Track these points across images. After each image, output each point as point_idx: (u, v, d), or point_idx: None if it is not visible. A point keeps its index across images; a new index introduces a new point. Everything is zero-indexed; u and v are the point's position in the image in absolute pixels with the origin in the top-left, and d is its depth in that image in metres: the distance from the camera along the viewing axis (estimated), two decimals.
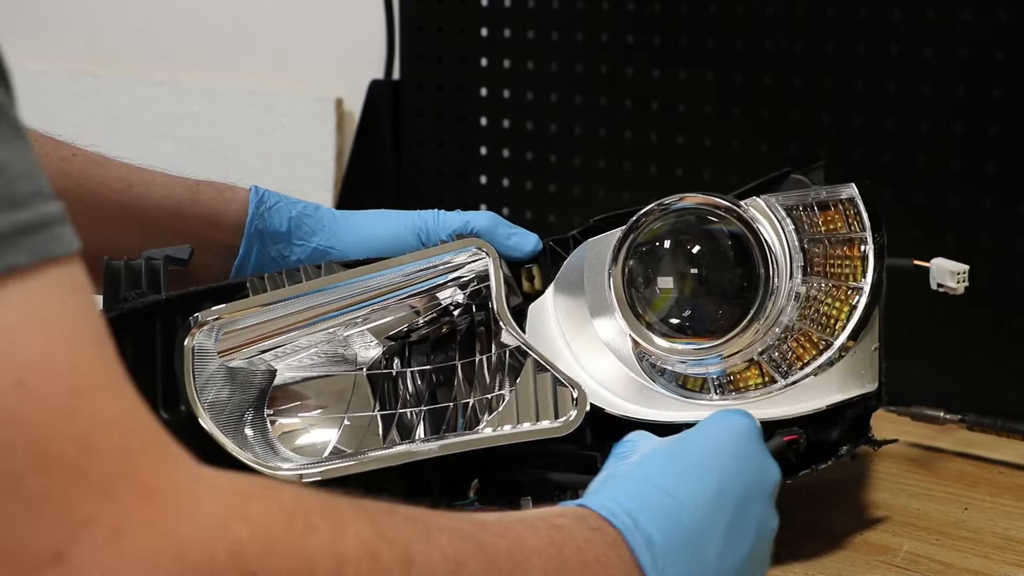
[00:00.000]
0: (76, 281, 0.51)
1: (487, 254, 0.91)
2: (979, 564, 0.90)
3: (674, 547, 0.66)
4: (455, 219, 0.98)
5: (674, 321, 0.93)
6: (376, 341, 0.94)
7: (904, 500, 0.99)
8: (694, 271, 0.93)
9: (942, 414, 1.08)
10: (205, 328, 0.86)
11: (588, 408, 0.86)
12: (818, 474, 0.90)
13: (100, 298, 0.90)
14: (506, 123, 1.44)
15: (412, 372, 0.94)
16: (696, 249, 0.93)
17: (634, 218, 0.93)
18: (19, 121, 0.51)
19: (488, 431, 0.88)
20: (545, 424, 0.87)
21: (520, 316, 0.94)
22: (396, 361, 0.94)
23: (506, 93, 1.43)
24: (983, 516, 0.97)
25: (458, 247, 0.92)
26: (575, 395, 0.87)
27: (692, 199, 0.93)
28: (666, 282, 0.93)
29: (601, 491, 0.69)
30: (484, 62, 1.44)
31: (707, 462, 0.72)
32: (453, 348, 0.94)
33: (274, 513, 0.52)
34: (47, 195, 0.50)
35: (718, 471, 0.71)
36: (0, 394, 0.47)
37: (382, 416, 0.92)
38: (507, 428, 0.88)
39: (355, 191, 1.52)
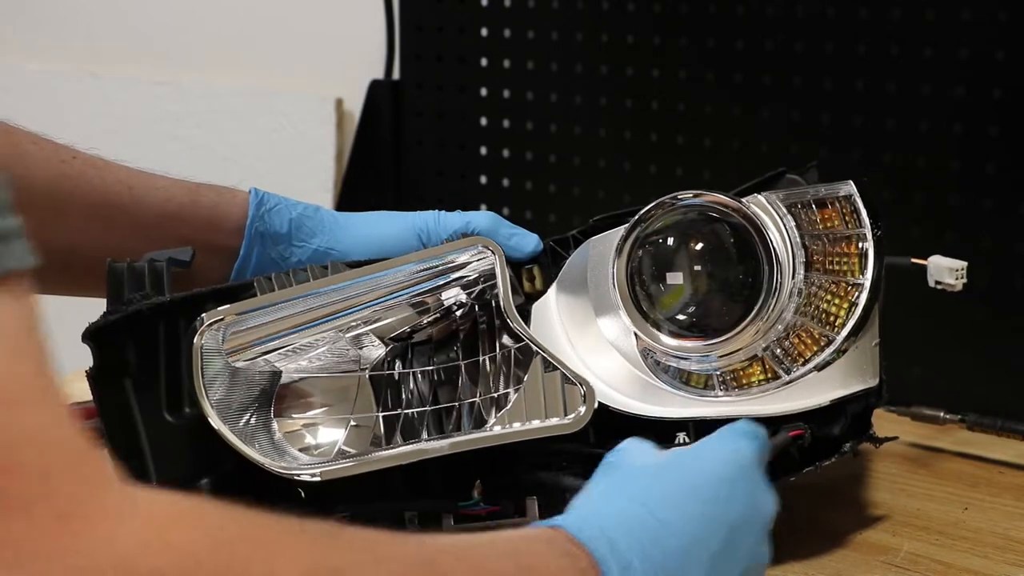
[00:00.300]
0: (23, 295, 0.49)
1: (493, 252, 0.91)
2: (979, 564, 0.90)
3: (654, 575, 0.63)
4: (456, 220, 0.98)
5: (679, 318, 0.93)
6: (379, 342, 0.94)
7: (904, 500, 0.99)
8: (698, 268, 0.93)
9: (942, 414, 1.08)
10: (212, 328, 0.87)
11: (596, 406, 0.87)
12: (821, 470, 0.90)
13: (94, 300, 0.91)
14: (506, 123, 1.44)
15: (415, 373, 0.94)
16: (700, 246, 0.94)
17: (639, 213, 0.93)
18: None
19: (497, 429, 0.89)
20: (554, 421, 0.87)
21: (523, 316, 0.94)
22: (398, 362, 0.94)
23: (506, 93, 1.43)
24: (983, 516, 0.97)
25: (464, 245, 0.92)
26: (584, 391, 0.87)
27: (697, 196, 0.93)
28: (671, 279, 0.93)
29: (583, 508, 0.67)
30: (484, 62, 1.44)
31: (700, 486, 0.69)
32: (456, 349, 0.94)
33: (199, 540, 0.50)
34: (6, 207, 0.49)
35: (711, 496, 0.68)
36: None
37: (387, 417, 0.92)
38: (516, 426, 0.88)
39: (355, 191, 1.52)
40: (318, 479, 0.86)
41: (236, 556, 0.51)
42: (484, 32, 1.43)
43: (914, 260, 0.97)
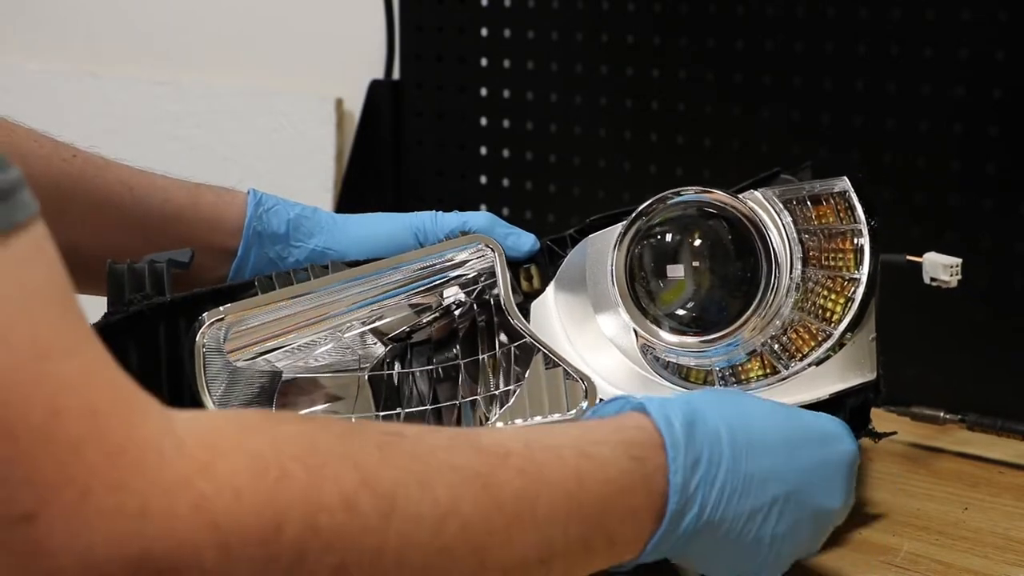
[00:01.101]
0: (39, 243, 0.51)
1: (492, 249, 0.91)
2: (979, 564, 0.90)
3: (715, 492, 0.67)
4: (453, 219, 0.98)
5: (678, 313, 0.93)
6: (378, 342, 0.94)
7: (904, 500, 0.99)
8: (696, 264, 0.94)
9: (942, 414, 1.08)
10: (214, 327, 0.87)
11: (598, 401, 0.87)
12: None
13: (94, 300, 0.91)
14: (506, 123, 1.44)
15: (415, 372, 0.94)
16: (698, 242, 0.94)
17: (639, 208, 0.94)
18: None
19: (499, 425, 0.89)
20: (556, 417, 0.88)
21: (523, 315, 0.94)
22: (397, 363, 0.94)
23: (506, 93, 1.43)
24: (983, 516, 0.97)
25: (464, 243, 0.93)
26: (585, 387, 0.87)
27: (695, 192, 0.93)
28: (669, 274, 0.94)
29: (682, 397, 0.70)
30: (484, 62, 1.44)
31: (798, 446, 0.73)
32: (455, 348, 0.94)
33: (242, 465, 0.52)
34: (4, 160, 0.51)
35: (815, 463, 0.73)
36: None
37: (386, 416, 0.93)
38: (518, 422, 0.89)
39: (355, 191, 1.52)
40: None
41: (280, 479, 0.53)
42: (484, 32, 1.43)
43: (909, 257, 0.97)
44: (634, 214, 0.94)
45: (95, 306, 0.89)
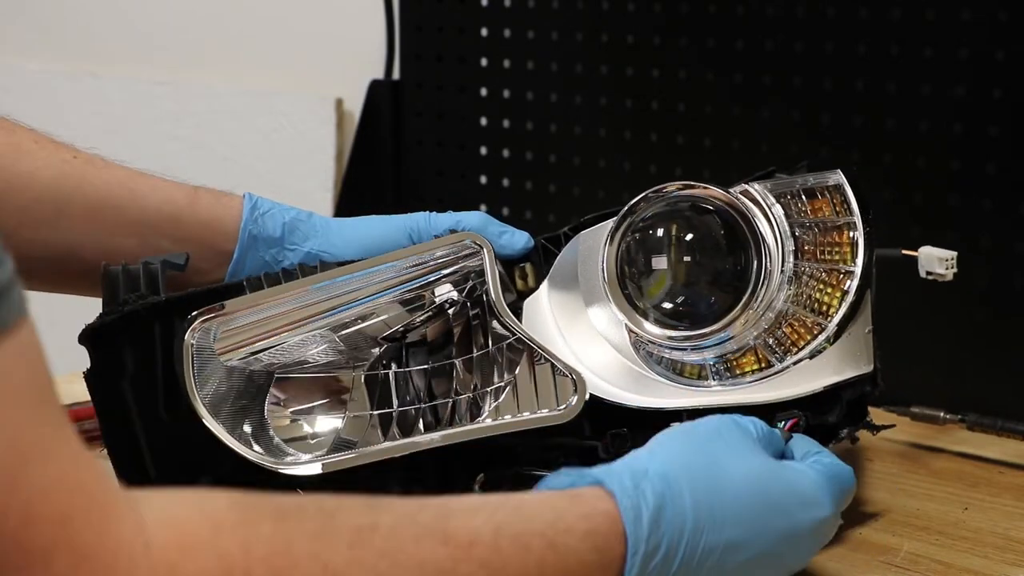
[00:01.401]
0: (24, 346, 0.51)
1: (481, 247, 0.91)
2: (979, 564, 0.90)
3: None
4: (446, 219, 0.98)
5: (668, 308, 0.93)
6: (373, 341, 0.94)
7: (904, 500, 0.99)
8: (687, 258, 0.94)
9: (942, 414, 1.08)
10: (204, 326, 0.87)
11: (587, 397, 0.87)
12: None
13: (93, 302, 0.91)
14: (506, 123, 1.44)
15: (410, 372, 0.94)
16: (688, 236, 0.94)
17: (630, 203, 0.94)
18: None
19: (489, 421, 0.89)
20: (546, 412, 0.88)
21: (515, 313, 0.94)
22: (393, 363, 0.94)
23: (506, 93, 1.43)
24: (983, 516, 0.97)
25: (453, 240, 0.93)
26: (575, 382, 0.87)
27: (683, 187, 0.94)
28: (659, 268, 0.94)
29: (650, 471, 0.70)
30: (484, 62, 1.44)
31: (779, 505, 0.73)
32: (450, 346, 0.94)
33: (211, 566, 0.53)
34: (1, 257, 0.50)
35: (769, 534, 0.73)
36: None
37: (382, 415, 0.93)
38: (508, 418, 0.88)
39: (355, 191, 1.52)
40: (318, 472, 0.86)
41: None
42: (484, 32, 1.43)
43: (905, 251, 0.97)
44: (626, 207, 0.94)
45: (91, 309, 0.89)
